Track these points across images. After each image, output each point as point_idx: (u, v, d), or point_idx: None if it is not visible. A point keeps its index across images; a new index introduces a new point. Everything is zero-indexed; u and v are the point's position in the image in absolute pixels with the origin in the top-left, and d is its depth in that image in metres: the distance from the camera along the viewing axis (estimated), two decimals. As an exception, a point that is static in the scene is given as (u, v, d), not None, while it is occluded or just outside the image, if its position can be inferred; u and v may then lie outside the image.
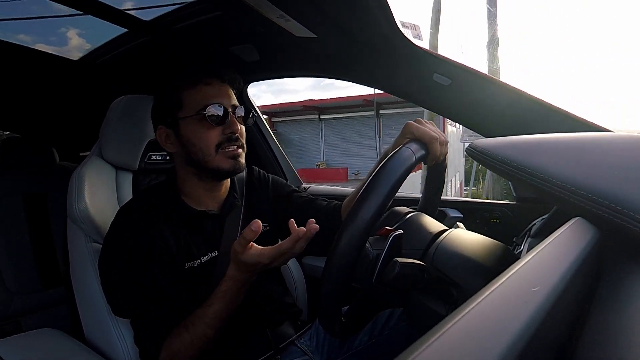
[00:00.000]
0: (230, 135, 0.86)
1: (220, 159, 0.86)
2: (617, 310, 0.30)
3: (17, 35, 1.34)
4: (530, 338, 0.22)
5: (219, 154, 0.86)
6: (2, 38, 1.27)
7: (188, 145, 0.86)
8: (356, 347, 0.97)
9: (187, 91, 0.86)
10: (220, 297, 0.78)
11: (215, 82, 0.89)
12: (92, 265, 0.95)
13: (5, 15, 1.35)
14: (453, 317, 0.23)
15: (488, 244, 0.61)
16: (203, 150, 0.85)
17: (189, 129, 0.86)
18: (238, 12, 1.08)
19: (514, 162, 0.46)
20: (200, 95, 0.86)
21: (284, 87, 55.29)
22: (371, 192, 0.54)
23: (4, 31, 1.35)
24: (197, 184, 0.91)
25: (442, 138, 0.70)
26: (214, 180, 0.92)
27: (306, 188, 1.75)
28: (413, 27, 1.10)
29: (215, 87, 0.88)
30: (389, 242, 0.59)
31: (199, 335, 0.77)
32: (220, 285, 0.79)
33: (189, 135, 0.86)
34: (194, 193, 0.92)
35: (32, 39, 1.38)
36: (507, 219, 1.24)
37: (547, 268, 0.30)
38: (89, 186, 1.00)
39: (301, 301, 1.31)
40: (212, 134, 0.85)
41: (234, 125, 0.86)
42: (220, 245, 0.91)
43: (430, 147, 0.68)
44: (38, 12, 1.38)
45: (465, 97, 1.13)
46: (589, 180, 0.40)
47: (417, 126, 0.71)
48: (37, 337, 1.01)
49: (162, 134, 0.89)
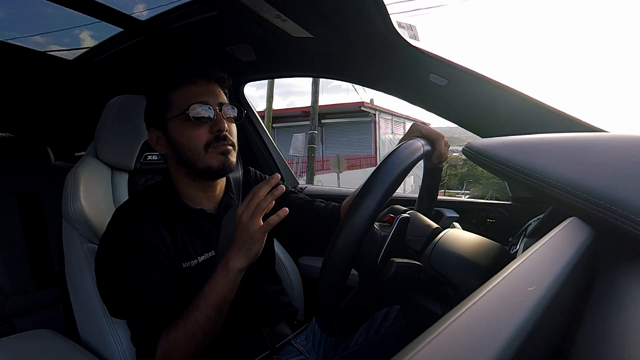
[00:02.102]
0: (218, 134, 0.85)
1: (210, 158, 0.85)
2: (612, 310, 0.30)
3: (11, 34, 1.34)
4: (526, 337, 0.22)
5: (209, 152, 0.85)
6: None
7: (177, 146, 0.86)
8: (352, 346, 0.97)
9: (173, 92, 0.86)
10: (212, 285, 0.79)
11: (201, 81, 0.88)
12: (88, 266, 0.95)
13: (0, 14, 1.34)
14: (449, 316, 0.23)
15: (484, 243, 0.62)
16: (192, 150, 0.85)
17: (176, 129, 0.85)
18: (234, 12, 1.08)
19: (509, 162, 0.46)
20: (185, 95, 0.85)
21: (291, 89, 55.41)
22: (377, 179, 0.54)
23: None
24: (190, 184, 0.91)
25: (446, 139, 0.74)
26: (206, 180, 0.92)
27: (302, 188, 1.75)
28: (409, 27, 1.10)
29: (202, 86, 0.87)
30: (396, 223, 0.61)
31: (195, 325, 0.77)
32: (214, 273, 0.80)
33: (177, 135, 0.86)
34: (188, 193, 0.92)
35: (27, 39, 1.37)
36: (503, 219, 1.24)
37: (542, 268, 0.30)
38: (84, 186, 1.00)
39: (298, 301, 1.31)
40: (200, 133, 0.84)
41: (220, 123, 0.85)
42: (217, 246, 0.91)
43: (436, 145, 0.72)
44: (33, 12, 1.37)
45: (462, 97, 1.14)
46: (585, 181, 0.40)
47: (424, 125, 0.75)
48: (31, 338, 1.00)
49: (153, 136, 0.89)
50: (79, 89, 1.76)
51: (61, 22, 1.40)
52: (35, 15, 1.40)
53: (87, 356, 0.93)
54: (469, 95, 1.12)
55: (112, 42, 1.40)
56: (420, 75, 1.14)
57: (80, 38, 1.46)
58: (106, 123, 1.06)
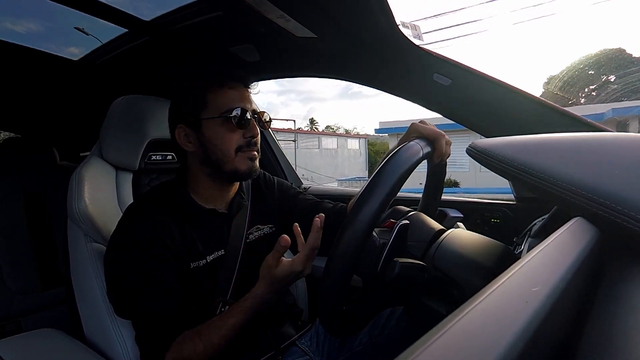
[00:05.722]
0: (250, 140, 0.88)
1: (240, 161, 0.87)
2: (617, 311, 0.30)
3: (17, 35, 1.35)
4: (530, 338, 0.22)
5: (238, 156, 0.87)
6: (2, 38, 1.27)
7: (209, 146, 0.87)
8: (356, 347, 0.97)
9: (212, 93, 0.87)
10: (242, 312, 0.80)
11: (239, 86, 0.90)
12: (92, 266, 0.95)
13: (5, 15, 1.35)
14: (453, 316, 0.23)
15: (488, 244, 0.61)
16: (223, 152, 0.86)
17: (212, 129, 0.86)
18: (238, 12, 1.08)
19: (514, 162, 0.46)
20: (225, 98, 0.87)
21: (312, 95, 55.68)
22: (378, 184, 0.54)
23: (4, 31, 1.35)
24: (209, 184, 0.92)
25: (447, 137, 0.73)
26: (227, 182, 0.93)
27: (307, 188, 1.75)
28: (413, 27, 1.09)
29: (239, 91, 0.89)
30: (396, 230, 0.61)
31: (213, 345, 0.77)
32: (245, 301, 0.80)
33: (211, 135, 0.86)
34: (204, 192, 0.92)
35: (33, 39, 1.38)
36: (508, 219, 1.23)
37: (547, 268, 0.30)
38: (89, 186, 1.00)
39: (302, 301, 1.31)
40: (234, 137, 0.86)
41: (254, 130, 0.88)
42: (227, 244, 0.92)
43: (436, 144, 0.71)
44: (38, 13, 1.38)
45: (466, 97, 1.13)
46: (590, 180, 0.40)
47: (423, 125, 0.74)
48: (37, 337, 1.01)
49: (181, 133, 0.90)
50: (83, 90, 1.77)
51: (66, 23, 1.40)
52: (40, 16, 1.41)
53: (92, 355, 0.93)
54: (473, 95, 1.12)
55: (117, 42, 1.40)
56: (424, 75, 1.14)
57: (85, 39, 1.47)
58: (111, 123, 1.07)
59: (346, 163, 22.13)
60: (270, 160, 1.80)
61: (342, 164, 23.53)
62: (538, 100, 1.03)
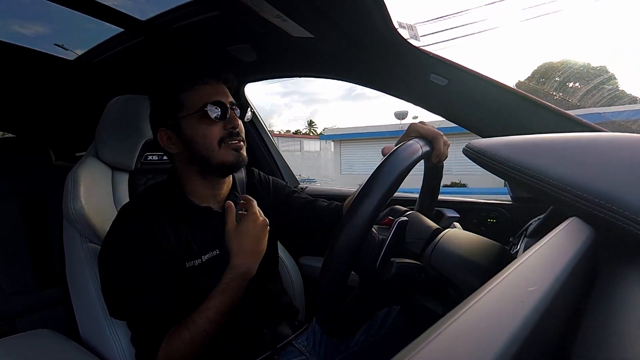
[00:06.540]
0: (231, 130, 0.87)
1: (224, 153, 0.87)
2: (613, 310, 0.30)
3: (12, 35, 1.34)
4: (527, 337, 0.22)
5: (222, 148, 0.87)
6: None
7: (191, 143, 0.87)
8: (353, 347, 0.97)
9: (185, 92, 0.87)
10: (222, 290, 0.80)
11: (212, 81, 0.90)
12: (88, 266, 0.95)
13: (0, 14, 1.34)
14: (450, 316, 0.23)
15: (485, 243, 0.62)
16: (206, 147, 0.86)
17: (191, 127, 0.86)
18: (235, 12, 1.08)
19: (510, 162, 0.46)
20: (199, 95, 0.86)
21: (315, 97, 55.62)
22: (376, 182, 0.54)
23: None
24: (200, 181, 0.92)
25: (445, 138, 0.73)
26: (218, 177, 0.93)
27: (303, 188, 1.75)
28: (410, 27, 1.10)
29: (213, 86, 0.89)
30: (395, 227, 0.61)
31: (199, 330, 0.77)
32: (224, 277, 0.81)
33: (192, 133, 0.86)
34: (197, 190, 0.92)
35: (28, 39, 1.37)
36: (504, 219, 1.24)
37: (543, 268, 0.30)
38: (84, 186, 1.00)
39: (298, 301, 1.31)
40: (214, 130, 0.86)
41: (234, 120, 0.88)
42: (223, 244, 0.92)
43: (435, 144, 0.71)
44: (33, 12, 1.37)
45: (462, 97, 1.13)
46: (585, 180, 0.40)
47: (422, 125, 0.74)
48: (32, 338, 1.00)
49: (163, 136, 0.89)
50: (79, 89, 1.76)
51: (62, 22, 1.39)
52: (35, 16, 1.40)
53: (87, 356, 0.93)
54: (469, 95, 1.12)
55: (113, 42, 1.40)
56: (420, 75, 1.14)
57: (81, 38, 1.46)
58: (107, 123, 1.06)
59: (329, 164, 22.50)
60: (267, 160, 1.80)
61: (325, 165, 24.17)
62: (535, 100, 1.03)
